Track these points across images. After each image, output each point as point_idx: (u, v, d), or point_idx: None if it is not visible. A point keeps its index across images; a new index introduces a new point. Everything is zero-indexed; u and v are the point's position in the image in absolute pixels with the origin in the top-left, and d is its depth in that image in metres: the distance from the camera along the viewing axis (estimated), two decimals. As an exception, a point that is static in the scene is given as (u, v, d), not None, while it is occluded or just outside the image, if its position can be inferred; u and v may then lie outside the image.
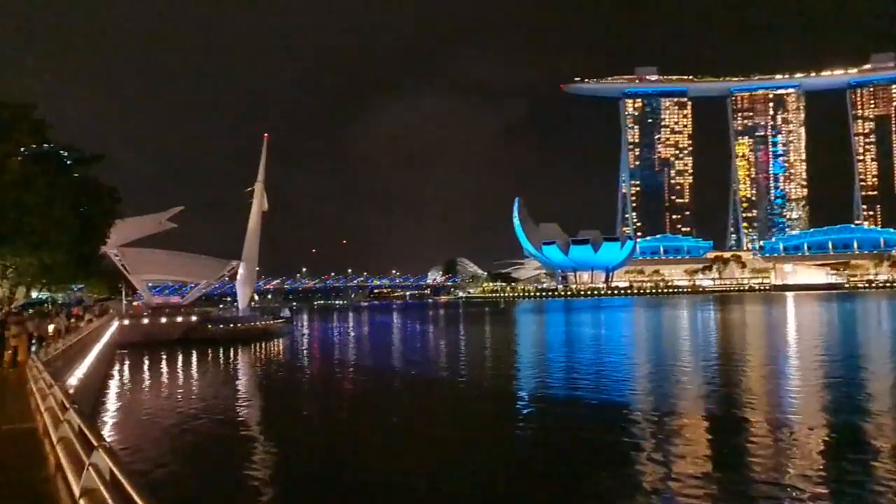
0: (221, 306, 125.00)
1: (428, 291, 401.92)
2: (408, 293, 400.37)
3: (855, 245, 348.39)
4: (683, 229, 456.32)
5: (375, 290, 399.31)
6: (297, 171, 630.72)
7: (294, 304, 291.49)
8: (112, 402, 38.38)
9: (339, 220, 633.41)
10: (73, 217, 40.49)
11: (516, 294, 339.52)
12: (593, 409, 31.59)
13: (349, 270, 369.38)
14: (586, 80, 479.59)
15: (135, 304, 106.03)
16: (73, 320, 41.62)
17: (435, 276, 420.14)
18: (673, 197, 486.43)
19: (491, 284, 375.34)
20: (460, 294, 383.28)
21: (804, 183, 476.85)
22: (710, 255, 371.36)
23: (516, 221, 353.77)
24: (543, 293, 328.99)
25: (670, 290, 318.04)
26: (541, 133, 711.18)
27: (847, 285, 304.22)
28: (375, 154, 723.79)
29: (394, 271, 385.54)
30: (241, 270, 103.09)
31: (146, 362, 61.37)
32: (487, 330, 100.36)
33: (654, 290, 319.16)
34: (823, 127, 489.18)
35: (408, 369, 49.83)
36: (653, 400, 33.56)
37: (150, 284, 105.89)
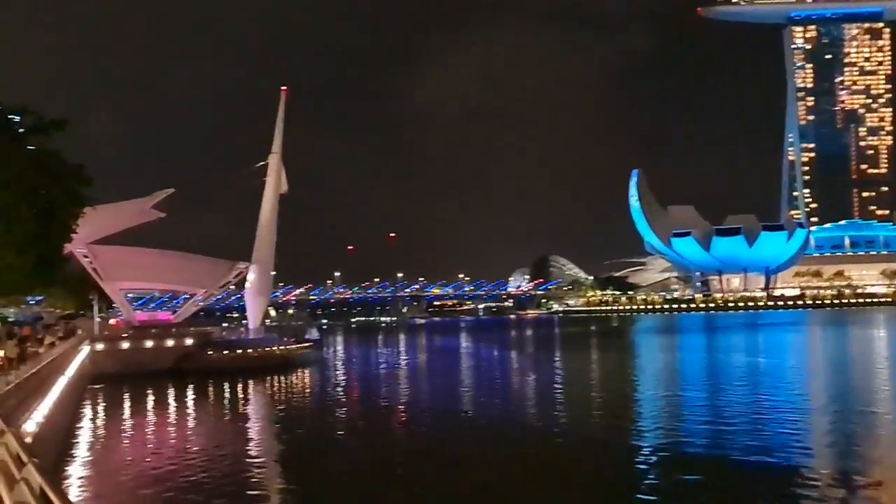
0: (226, 325, 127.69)
1: (509, 303, 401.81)
2: (481, 306, 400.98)
3: None
4: (879, 212, 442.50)
5: (436, 303, 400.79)
6: (328, 140, 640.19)
7: (324, 321, 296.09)
8: (82, 456, 39.52)
9: (386, 207, 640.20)
10: (28, 205, 41.85)
11: (635, 307, 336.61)
12: (751, 476, 30.85)
13: (399, 275, 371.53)
14: (733, 0, 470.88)
15: (111, 322, 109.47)
16: (27, 344, 43.04)
17: (519, 283, 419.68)
18: (863, 166, 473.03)
19: (599, 293, 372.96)
20: (555, 307, 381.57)
21: None
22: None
23: (634, 204, 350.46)
24: (674, 306, 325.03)
25: (860, 301, 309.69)
26: (669, 79, 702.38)
27: None
28: (436, 116, 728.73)
29: (461, 276, 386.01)
30: (251, 276, 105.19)
31: (126, 402, 63.13)
32: (594, 359, 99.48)
33: (836, 301, 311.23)
34: None
35: (484, 416, 49.75)
36: (839, 462, 32.57)
37: (130, 295, 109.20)
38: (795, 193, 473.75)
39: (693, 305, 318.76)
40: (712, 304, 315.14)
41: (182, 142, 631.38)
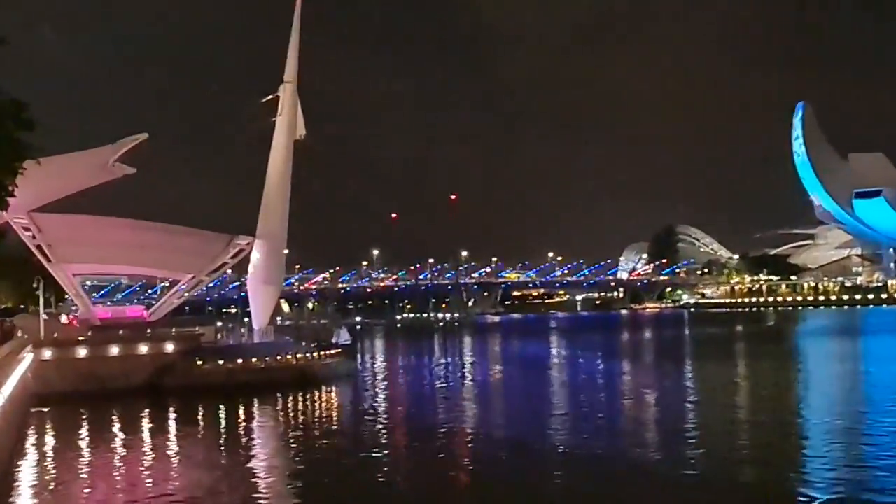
0: (221, 325, 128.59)
1: (619, 294, 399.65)
2: (579, 298, 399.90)
3: None
4: None
5: (515, 293, 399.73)
6: (365, 66, 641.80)
7: (358, 319, 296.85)
8: (23, 508, 40.22)
9: (447, 157, 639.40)
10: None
11: (800, 298, 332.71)
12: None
13: (464, 254, 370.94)
14: None
15: (62, 320, 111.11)
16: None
17: (634, 264, 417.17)
18: None
19: (747, 279, 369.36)
20: (684, 297, 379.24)
21: None
22: None
23: (800, 151, 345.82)
24: (858, 295, 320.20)
25: None
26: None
27: None
28: (525, 35, 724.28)
29: (551, 255, 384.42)
30: (255, 256, 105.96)
31: (84, 433, 63.93)
32: (740, 374, 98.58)
33: None
34: None
35: (585, 453, 49.58)
36: None
37: (88, 283, 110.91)
38: None
39: (885, 296, 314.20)
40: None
41: (161, 68, 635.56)
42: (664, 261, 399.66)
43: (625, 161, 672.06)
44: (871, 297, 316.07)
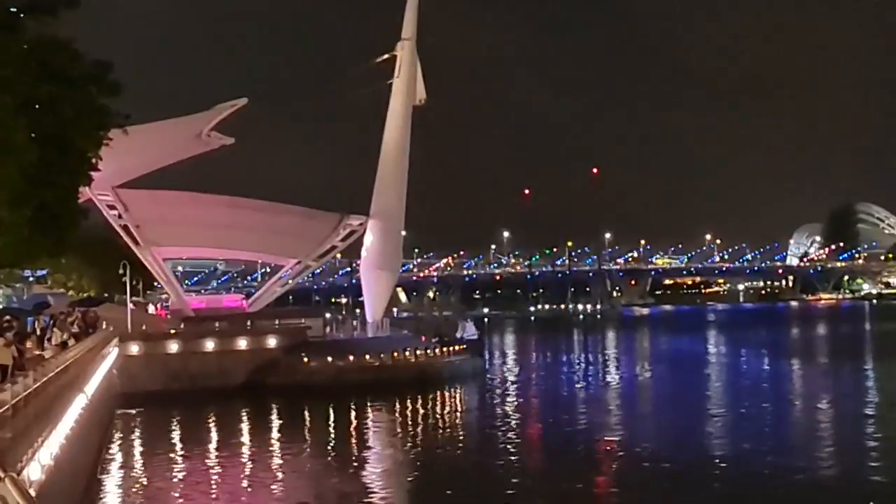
0: (330, 317, 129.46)
1: (788, 283, 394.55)
2: (741, 287, 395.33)
3: None
4: None
5: (667, 282, 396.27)
6: (498, 20, 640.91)
7: (486, 311, 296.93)
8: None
9: (588, 125, 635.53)
10: (24, 126, 42.95)
11: None
12: None
13: (607, 237, 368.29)
14: None
15: (151, 310, 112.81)
16: (26, 344, 44.49)
17: (805, 248, 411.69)
18: None
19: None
20: (865, 287, 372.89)
21: None
22: None
23: None
24: None
25: None
26: None
27: None
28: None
29: (709, 238, 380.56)
30: (369, 238, 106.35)
31: (176, 437, 64.84)
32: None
33: None
34: None
35: (754, 468, 48.99)
36: None
37: (181, 269, 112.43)
38: None
39: None
40: None
41: (261, 26, 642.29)
42: (841, 244, 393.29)
43: (799, 128, 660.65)
44: None
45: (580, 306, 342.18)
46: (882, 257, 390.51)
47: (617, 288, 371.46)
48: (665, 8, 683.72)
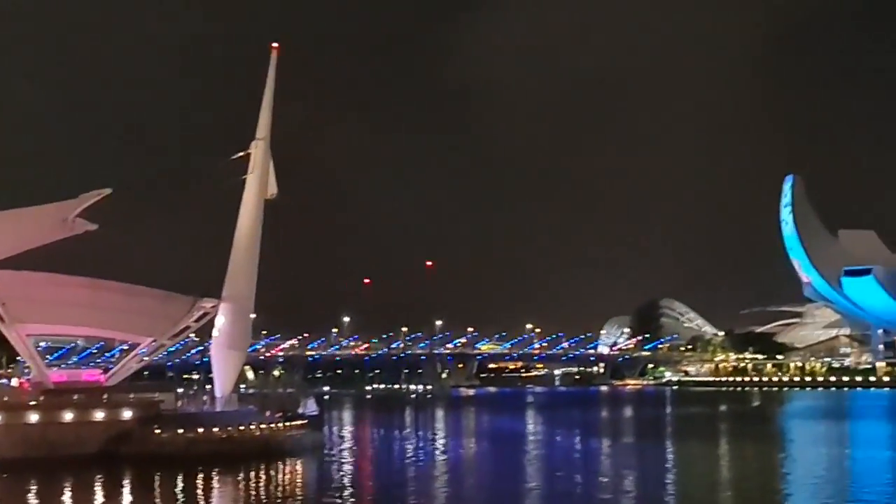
0: (183, 391, 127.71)
1: (599, 369, 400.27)
2: (558, 372, 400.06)
3: None
4: None
5: (491, 366, 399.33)
6: (341, 123, 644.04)
7: (326, 389, 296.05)
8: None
9: (423, 221, 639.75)
10: None
11: (787, 378, 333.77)
12: None
13: (438, 323, 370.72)
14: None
15: (13, 383, 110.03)
16: None
17: (615, 339, 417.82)
18: None
19: (733, 357, 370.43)
20: (667, 374, 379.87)
21: None
22: None
23: (787, 227, 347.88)
24: (846, 377, 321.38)
25: None
26: (840, 47, 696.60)
27: None
28: (503, 94, 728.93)
29: (529, 327, 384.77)
30: (220, 320, 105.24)
31: (33, 502, 63.06)
32: (724, 456, 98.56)
33: None
34: None
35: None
36: None
37: (43, 345, 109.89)
38: None
39: (873, 378, 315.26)
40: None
41: (127, 120, 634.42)
42: (647, 336, 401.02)
43: (609, 232, 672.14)
44: (858, 379, 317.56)
45: (413, 386, 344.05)
46: (682, 348, 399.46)
47: (446, 370, 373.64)
48: (497, 112, 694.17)
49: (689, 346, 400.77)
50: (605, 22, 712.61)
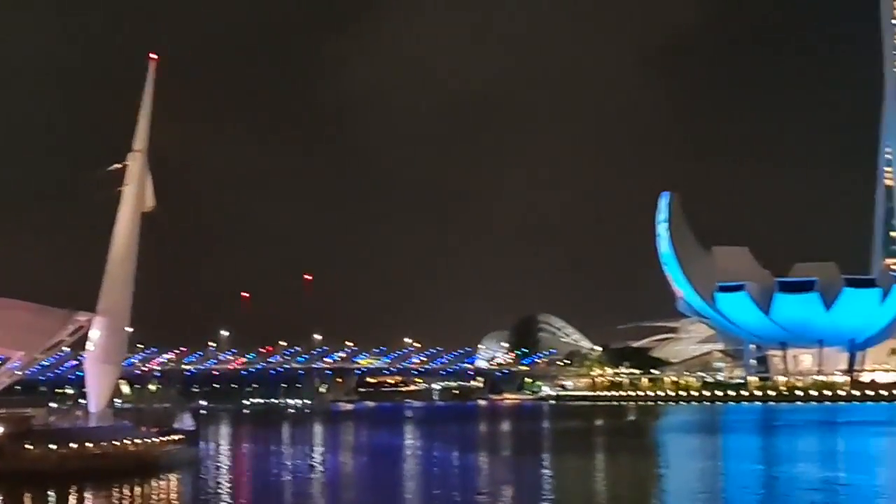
0: (55, 406, 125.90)
1: (477, 383, 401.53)
2: (436, 386, 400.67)
3: None
4: None
5: (370, 380, 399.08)
6: (220, 136, 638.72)
7: (203, 403, 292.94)
8: None
9: (302, 235, 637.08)
10: None
11: (662, 393, 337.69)
12: None
13: (317, 338, 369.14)
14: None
15: None
16: None
17: (494, 353, 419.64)
18: None
19: (609, 372, 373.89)
20: (544, 388, 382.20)
21: None
22: None
23: (664, 243, 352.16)
24: (719, 391, 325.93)
25: None
26: (718, 65, 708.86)
27: None
28: (387, 109, 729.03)
29: (408, 341, 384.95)
30: (94, 333, 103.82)
31: None
32: (599, 470, 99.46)
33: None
34: None
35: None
36: None
37: None
38: (894, 234, 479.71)
39: (745, 393, 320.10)
40: (772, 392, 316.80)
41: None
42: (525, 350, 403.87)
43: (488, 247, 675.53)
44: (731, 393, 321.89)
45: (291, 401, 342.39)
46: (559, 363, 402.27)
47: (325, 385, 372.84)
48: (380, 125, 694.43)
49: (567, 361, 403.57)
50: (492, 34, 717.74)
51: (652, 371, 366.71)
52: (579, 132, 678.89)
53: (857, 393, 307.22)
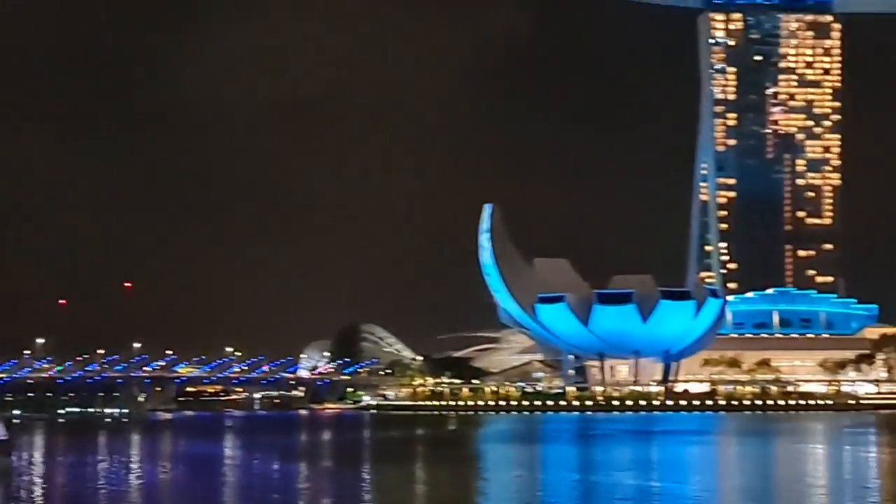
0: None
1: (299, 392, 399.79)
2: (257, 396, 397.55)
3: None
4: (820, 279, 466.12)
5: (189, 389, 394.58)
6: (33, 134, 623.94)
7: (16, 413, 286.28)
8: None
9: (122, 242, 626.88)
10: None
11: (482, 402, 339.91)
12: None
13: (136, 346, 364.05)
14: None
15: None
16: None
17: (315, 363, 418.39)
18: (800, 213, 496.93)
19: (431, 381, 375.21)
20: (365, 398, 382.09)
21: None
22: (873, 331, 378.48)
23: (486, 254, 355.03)
24: (538, 401, 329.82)
25: (791, 403, 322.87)
26: (539, 85, 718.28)
27: None
28: (213, 112, 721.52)
29: (230, 350, 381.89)
30: None
31: None
32: (419, 479, 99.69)
33: (759, 401, 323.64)
34: None
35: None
36: None
37: None
38: (709, 248, 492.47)
39: (563, 402, 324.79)
40: (590, 402, 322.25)
41: None
42: (347, 360, 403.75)
43: (312, 257, 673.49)
44: (550, 403, 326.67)
45: (109, 410, 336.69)
46: (381, 372, 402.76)
47: (144, 394, 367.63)
48: (208, 131, 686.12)
49: (389, 371, 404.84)
50: (325, 46, 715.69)
51: (473, 381, 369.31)
52: (407, 147, 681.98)
53: (672, 403, 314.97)
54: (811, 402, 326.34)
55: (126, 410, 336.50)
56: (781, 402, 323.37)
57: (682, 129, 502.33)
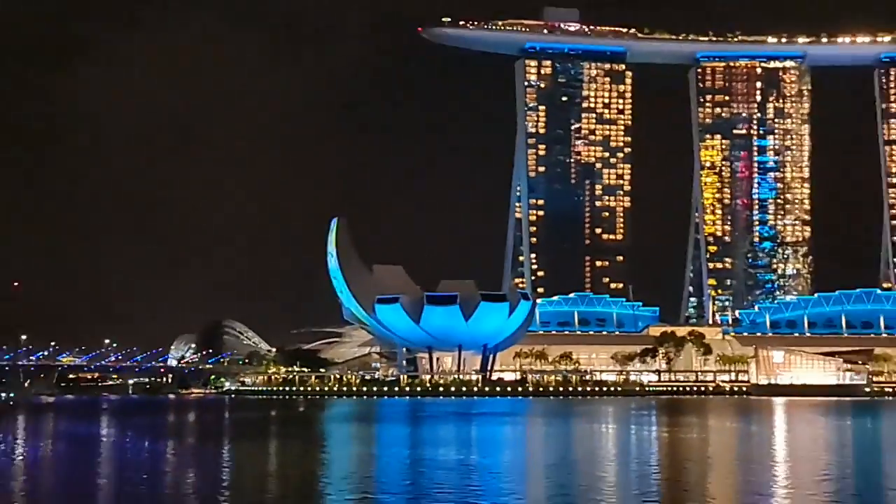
0: None
1: (168, 380, 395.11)
2: (131, 382, 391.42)
3: (882, 322, 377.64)
4: (613, 285, 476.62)
5: (70, 376, 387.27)
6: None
7: None
8: None
9: (9, 244, 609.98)
10: None
11: (328, 388, 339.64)
12: None
13: (23, 338, 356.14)
14: (461, 22, 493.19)
15: None
16: None
17: (183, 353, 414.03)
18: (597, 230, 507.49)
19: (283, 370, 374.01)
20: (227, 384, 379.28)
21: (807, 215, 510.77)
22: (655, 330, 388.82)
23: (332, 260, 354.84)
24: (375, 388, 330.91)
25: (587, 389, 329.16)
26: (380, 113, 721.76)
27: (867, 388, 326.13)
28: (92, 123, 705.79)
29: (107, 342, 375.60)
30: None
31: None
32: (272, 453, 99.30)
33: (562, 388, 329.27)
34: (839, 123, 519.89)
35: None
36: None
37: None
38: (521, 258, 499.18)
39: (397, 388, 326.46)
40: (420, 388, 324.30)
41: None
42: (210, 351, 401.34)
43: (181, 258, 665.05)
44: (385, 389, 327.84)
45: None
46: (240, 362, 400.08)
47: (29, 380, 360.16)
48: (87, 144, 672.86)
49: (247, 361, 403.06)
50: (197, 65, 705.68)
51: (320, 370, 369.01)
52: (269, 160, 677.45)
53: (488, 389, 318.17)
54: (605, 388, 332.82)
55: (12, 394, 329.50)
56: (580, 389, 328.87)
57: (501, 157, 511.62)
